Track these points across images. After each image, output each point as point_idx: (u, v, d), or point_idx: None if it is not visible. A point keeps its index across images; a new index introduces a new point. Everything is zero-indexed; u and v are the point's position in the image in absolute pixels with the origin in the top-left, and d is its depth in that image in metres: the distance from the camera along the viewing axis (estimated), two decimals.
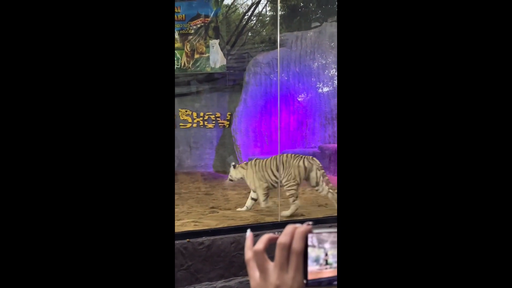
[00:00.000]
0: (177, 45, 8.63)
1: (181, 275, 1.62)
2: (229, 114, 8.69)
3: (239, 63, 8.92)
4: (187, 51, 8.63)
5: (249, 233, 0.66)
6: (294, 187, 4.65)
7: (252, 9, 9.92)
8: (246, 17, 9.94)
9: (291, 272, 0.60)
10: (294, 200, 4.61)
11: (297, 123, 8.12)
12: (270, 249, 0.64)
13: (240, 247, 1.84)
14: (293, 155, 4.91)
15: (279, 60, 7.60)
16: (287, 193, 4.68)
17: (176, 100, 8.75)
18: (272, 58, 8.35)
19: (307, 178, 4.75)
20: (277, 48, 8.35)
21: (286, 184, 4.69)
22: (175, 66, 8.64)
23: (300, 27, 8.93)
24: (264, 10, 10.17)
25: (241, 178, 5.09)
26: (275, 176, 4.84)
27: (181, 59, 8.64)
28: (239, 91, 8.56)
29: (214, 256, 1.76)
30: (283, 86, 7.77)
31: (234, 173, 5.13)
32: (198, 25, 8.61)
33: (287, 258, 0.61)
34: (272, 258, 0.63)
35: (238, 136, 8.33)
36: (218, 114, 8.74)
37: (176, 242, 1.72)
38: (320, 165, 4.76)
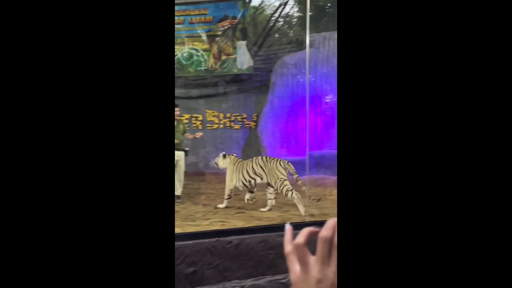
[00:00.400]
0: (204, 46, 8.74)
1: (209, 273, 1.63)
2: (255, 115, 8.70)
3: (266, 64, 8.94)
4: (214, 53, 8.71)
5: (288, 227, 0.65)
6: (286, 182, 4.84)
7: (279, 10, 9.93)
8: (273, 18, 9.96)
9: (333, 266, 0.59)
10: (292, 194, 4.76)
11: (324, 124, 8.05)
12: (309, 243, 0.63)
13: (268, 246, 1.84)
14: (268, 158, 5.13)
15: (308, 61, 7.56)
16: (284, 191, 4.82)
17: (203, 101, 8.86)
18: (299, 59, 8.32)
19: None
20: (304, 49, 8.31)
21: (277, 184, 4.87)
22: (203, 67, 8.75)
23: (328, 27, 8.84)
24: (292, 11, 10.16)
25: (225, 168, 5.33)
26: (250, 177, 5.04)
27: (208, 61, 8.74)
28: (266, 92, 8.57)
29: (242, 255, 1.76)
30: (310, 87, 7.73)
31: (221, 162, 5.38)
32: (226, 27, 8.68)
33: (329, 252, 0.60)
34: (311, 252, 0.62)
35: (264, 137, 8.33)
36: (244, 115, 8.78)
37: (205, 240, 1.73)
38: (295, 170, 4.96)
